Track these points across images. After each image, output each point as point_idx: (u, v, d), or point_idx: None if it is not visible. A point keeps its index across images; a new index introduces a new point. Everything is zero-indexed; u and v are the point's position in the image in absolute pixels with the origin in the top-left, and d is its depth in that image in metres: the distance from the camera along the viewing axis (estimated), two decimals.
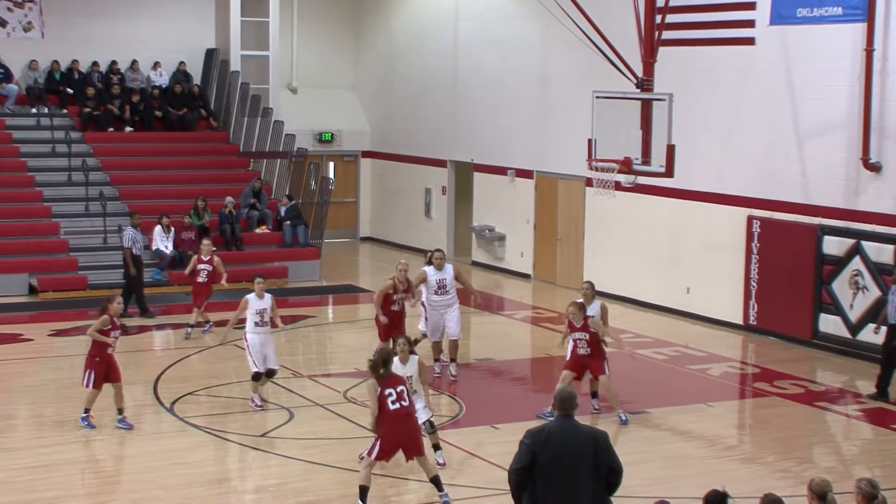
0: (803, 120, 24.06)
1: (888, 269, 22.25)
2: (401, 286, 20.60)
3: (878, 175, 22.73)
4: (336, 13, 38.20)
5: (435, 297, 21.07)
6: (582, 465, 11.11)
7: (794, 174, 24.34)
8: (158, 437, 18.22)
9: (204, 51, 36.11)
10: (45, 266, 29.04)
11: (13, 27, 34.12)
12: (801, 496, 11.50)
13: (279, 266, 30.91)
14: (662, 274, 27.30)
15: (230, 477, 17.02)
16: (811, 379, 22.05)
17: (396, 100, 37.03)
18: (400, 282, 20.58)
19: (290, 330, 25.56)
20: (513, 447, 11.39)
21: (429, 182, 35.54)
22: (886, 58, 22.36)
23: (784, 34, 24.11)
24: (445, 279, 21.08)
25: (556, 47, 29.26)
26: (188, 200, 30.53)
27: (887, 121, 22.47)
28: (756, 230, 25.02)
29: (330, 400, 19.82)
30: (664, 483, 15.87)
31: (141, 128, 34.15)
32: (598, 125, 22.39)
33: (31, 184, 31.50)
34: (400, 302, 20.71)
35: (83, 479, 16.28)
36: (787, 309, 24.47)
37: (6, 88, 33.34)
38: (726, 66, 25.44)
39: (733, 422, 19.96)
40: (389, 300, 20.60)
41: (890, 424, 19.18)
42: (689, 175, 24.92)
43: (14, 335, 24.63)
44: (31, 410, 19.57)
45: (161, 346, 24.11)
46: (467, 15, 33.64)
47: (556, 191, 30.61)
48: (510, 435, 15.70)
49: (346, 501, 15.25)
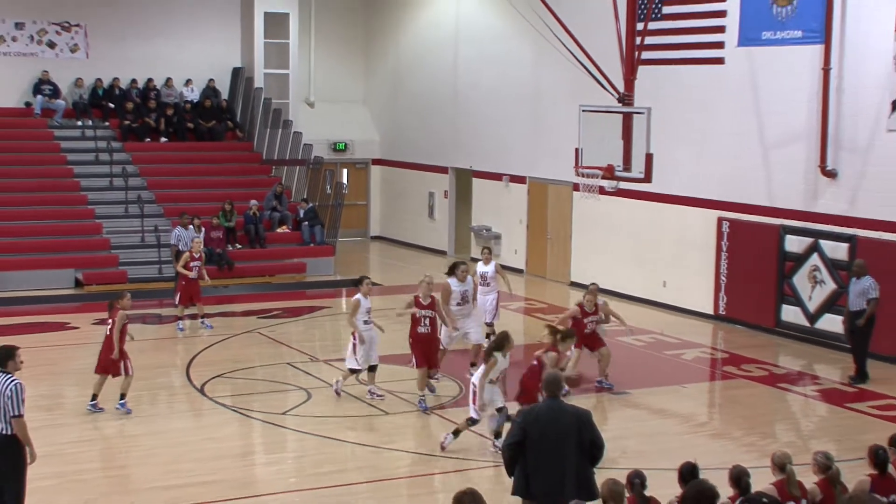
0: (767, 131, 24.08)
1: (843, 264, 22.30)
2: (424, 300, 18.39)
3: (833, 181, 22.74)
4: (349, 35, 38.18)
5: (456, 307, 19.77)
6: (568, 440, 11.18)
7: (759, 180, 24.35)
8: (191, 415, 18.30)
9: (231, 69, 36.10)
10: (89, 262, 29.04)
11: (61, 49, 34.16)
12: (764, 467, 11.54)
13: (298, 262, 30.90)
14: (641, 269, 27.32)
15: (254, 450, 17.05)
16: (774, 363, 22.07)
17: (403, 113, 37.03)
18: (425, 296, 18.43)
19: (307, 319, 25.64)
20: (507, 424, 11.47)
21: (432, 186, 35.53)
22: (842, 76, 22.36)
23: (750, 54, 24.13)
24: (468, 291, 20.08)
25: (546, 66, 29.25)
26: (217, 203, 30.55)
27: (842, 133, 22.48)
28: (725, 230, 25.04)
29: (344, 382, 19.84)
30: (641, 456, 15.89)
31: (174, 138, 34.16)
32: (584, 136, 22.43)
33: (76, 188, 31.54)
34: (426, 321, 18.39)
35: (123, 452, 16.32)
36: (752, 300, 24.50)
37: (55, 103, 33.38)
38: (699, 82, 25.46)
39: (704, 401, 19.99)
40: (417, 322, 18.31)
41: (843, 403, 19.21)
42: (665, 180, 24.93)
43: (62, 323, 24.66)
44: (77, 391, 19.55)
45: (191, 335, 24.13)
46: (466, 37, 33.64)
47: (547, 195, 30.62)
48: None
49: (358, 473, 15.30)
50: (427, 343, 18.40)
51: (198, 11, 35.68)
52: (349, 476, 15.20)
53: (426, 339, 18.38)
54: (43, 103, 33.29)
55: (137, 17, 34.73)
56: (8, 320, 24.55)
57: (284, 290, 29.16)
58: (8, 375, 12.03)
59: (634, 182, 22.56)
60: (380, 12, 37.68)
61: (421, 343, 18.30)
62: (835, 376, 20.98)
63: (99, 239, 30.09)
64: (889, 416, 18.31)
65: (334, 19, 37.54)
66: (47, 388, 19.01)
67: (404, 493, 14.77)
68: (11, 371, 12.09)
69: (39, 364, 19.85)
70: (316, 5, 36.53)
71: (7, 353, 12.21)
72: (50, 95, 33.40)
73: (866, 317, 20.08)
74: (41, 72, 33.49)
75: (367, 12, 38.22)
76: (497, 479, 14.46)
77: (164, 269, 28.71)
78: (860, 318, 20.14)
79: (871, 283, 20.11)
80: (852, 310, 20.32)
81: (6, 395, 11.85)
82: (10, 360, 12.15)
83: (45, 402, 18.08)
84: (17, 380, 12.05)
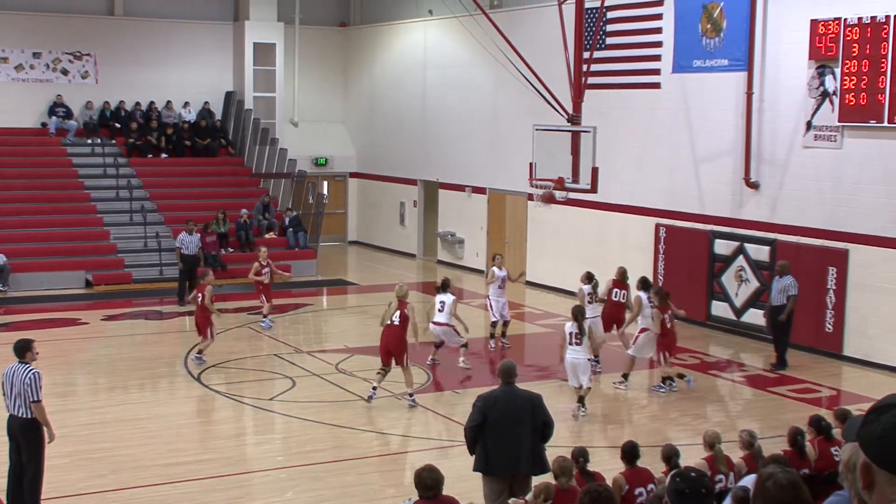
0: (698, 147, 24.18)
1: (765, 265, 22.42)
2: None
3: (756, 191, 22.86)
4: (329, 62, 38.11)
5: (499, 289, 21.59)
6: (522, 420, 11.22)
7: (691, 190, 24.45)
8: (188, 401, 18.24)
9: (224, 93, 35.99)
10: (98, 265, 28.88)
11: (73, 75, 33.99)
12: (696, 445, 11.60)
13: (283, 264, 30.73)
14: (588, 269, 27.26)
15: (245, 432, 17.02)
16: (705, 352, 22.17)
17: (377, 131, 36.99)
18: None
19: (292, 315, 25.58)
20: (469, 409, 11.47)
21: (403, 197, 35.51)
22: (763, 99, 22.48)
23: (683, 80, 24.24)
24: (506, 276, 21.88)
25: (503, 89, 29.29)
26: (211, 212, 30.45)
27: (763, 149, 22.60)
28: (662, 235, 25.13)
29: (325, 371, 19.83)
30: (588, 435, 15.95)
31: (174, 154, 34.01)
32: (537, 151, 22.45)
33: (87, 199, 31.36)
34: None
35: (130, 433, 16.26)
36: (686, 297, 24.52)
37: (68, 124, 33.21)
38: (638, 104, 25.54)
39: (644, 386, 20.04)
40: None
41: (766, 387, 19.32)
42: (609, 191, 24.95)
43: (74, 319, 24.54)
44: (88, 379, 19.52)
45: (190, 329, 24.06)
46: (433, 64, 33.65)
47: (505, 204, 30.64)
48: (468, 399, 15.74)
49: (337, 452, 15.28)
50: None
51: (195, 41, 35.56)
52: (329, 454, 15.18)
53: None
54: (57, 124, 33.10)
55: (141, 47, 34.59)
56: (26, 316, 24.45)
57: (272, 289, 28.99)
58: (26, 366, 12.14)
59: (582, 192, 22.61)
60: (357, 42, 37.66)
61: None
62: (758, 364, 21.09)
63: (106, 244, 29.94)
64: (805, 398, 18.43)
65: (316, 48, 37.48)
66: (61, 377, 18.91)
67: (377, 470, 14.78)
68: (29, 361, 12.19)
69: (53, 356, 19.75)
70: (300, 36, 36.46)
71: (24, 346, 12.33)
72: (63, 117, 33.24)
73: (787, 312, 20.18)
74: (55, 96, 33.34)
75: (345, 42, 38.18)
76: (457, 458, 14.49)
77: (164, 271, 28.61)
78: (781, 312, 20.26)
79: (791, 282, 20.22)
80: (774, 304, 20.45)
81: (26, 382, 11.98)
82: (28, 352, 12.27)
83: (59, 389, 17.99)
84: (35, 369, 12.17)
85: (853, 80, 20.33)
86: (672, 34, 24.27)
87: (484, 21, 25.21)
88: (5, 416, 12.40)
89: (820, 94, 21.18)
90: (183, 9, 35.38)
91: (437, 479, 9.22)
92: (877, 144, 20.35)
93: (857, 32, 20.22)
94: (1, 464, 12.87)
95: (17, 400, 12.02)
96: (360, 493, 13.67)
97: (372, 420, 16.92)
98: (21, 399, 11.99)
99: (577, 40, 22.08)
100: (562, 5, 22.56)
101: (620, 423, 17.24)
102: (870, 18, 20.04)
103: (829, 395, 18.98)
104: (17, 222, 29.74)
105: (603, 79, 25.16)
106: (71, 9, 33.88)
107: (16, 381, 12.02)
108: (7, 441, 12.46)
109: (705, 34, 23.49)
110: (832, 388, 19.36)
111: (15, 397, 12.03)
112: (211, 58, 35.84)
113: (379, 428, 16.55)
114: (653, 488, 10.22)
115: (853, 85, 20.33)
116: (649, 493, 10.19)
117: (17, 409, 12.07)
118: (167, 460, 14.76)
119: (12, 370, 12.13)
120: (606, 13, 25.24)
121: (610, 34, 25.86)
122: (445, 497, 9.32)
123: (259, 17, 35.25)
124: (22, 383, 11.95)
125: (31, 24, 33.24)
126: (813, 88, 21.31)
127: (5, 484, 12.45)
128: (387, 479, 14.58)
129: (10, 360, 12.32)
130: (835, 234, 21.23)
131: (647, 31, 25.08)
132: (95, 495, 13.41)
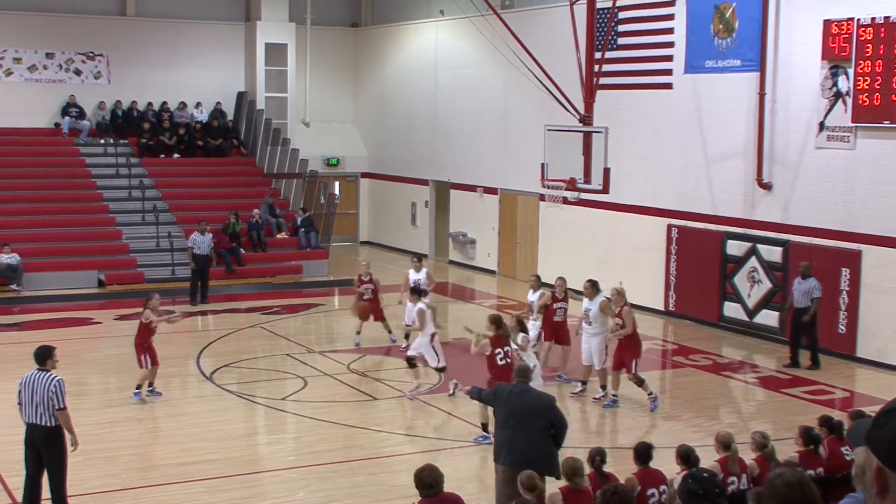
0: (710, 148, 24.11)
1: (777, 266, 22.35)
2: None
3: (769, 192, 22.79)
4: (340, 63, 38.10)
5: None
6: (534, 419, 11.23)
7: (703, 191, 24.39)
8: (201, 401, 18.22)
9: (236, 93, 36.01)
10: (111, 264, 28.90)
11: (86, 76, 34.04)
12: (709, 446, 11.54)
13: (295, 264, 30.82)
14: (600, 270, 27.11)
15: (257, 431, 17.01)
16: (718, 353, 22.10)
17: (388, 131, 36.98)
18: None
19: (304, 315, 25.57)
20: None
21: (414, 197, 35.49)
22: (775, 100, 22.42)
23: (695, 80, 24.17)
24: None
25: (515, 90, 29.25)
26: (223, 212, 30.46)
27: (776, 149, 22.53)
28: (674, 235, 25.06)
29: (336, 371, 19.81)
30: (602, 435, 15.90)
31: (186, 154, 34.04)
32: (549, 152, 22.41)
33: (99, 199, 31.40)
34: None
35: (141, 432, 16.27)
36: (698, 297, 24.53)
37: (81, 124, 33.26)
38: (650, 105, 25.49)
39: (656, 387, 19.90)
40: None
41: (779, 388, 19.25)
42: (621, 192, 24.90)
43: (87, 319, 24.57)
44: (100, 379, 19.52)
45: (202, 329, 24.05)
46: (445, 64, 33.63)
47: (516, 204, 30.60)
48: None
49: (349, 451, 15.26)
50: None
51: (207, 42, 35.59)
52: (340, 454, 15.16)
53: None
54: (70, 124, 33.16)
55: (153, 48, 34.64)
56: (39, 315, 24.52)
57: (283, 289, 29.07)
58: (48, 373, 11.90)
59: (593, 193, 22.57)
60: (368, 43, 37.65)
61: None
62: (771, 365, 21.01)
63: (119, 244, 29.95)
64: (818, 399, 18.35)
65: (327, 49, 37.48)
66: (73, 376, 18.79)
67: (388, 471, 14.74)
68: (49, 369, 11.98)
69: (66, 355, 19.51)
70: (311, 37, 36.46)
71: (45, 353, 12.12)
72: (76, 117, 33.28)
73: (811, 314, 20.15)
74: (69, 96, 33.40)
75: (356, 43, 38.17)
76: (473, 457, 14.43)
77: (176, 271, 28.61)
78: (805, 314, 20.19)
79: (815, 284, 20.23)
80: (798, 307, 20.39)
81: (50, 390, 11.75)
82: (49, 360, 12.06)
83: (72, 388, 17.67)
84: (58, 377, 11.93)
85: (866, 80, 20.24)
86: (684, 34, 24.21)
87: (495, 21, 25.18)
88: (15, 422, 12.24)
89: (833, 95, 21.10)
90: (195, 9, 35.42)
91: (436, 478, 9.18)
92: (890, 145, 20.25)
93: (870, 32, 20.14)
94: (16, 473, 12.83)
95: (40, 408, 11.78)
96: (369, 494, 13.62)
97: (384, 421, 16.88)
98: (44, 406, 11.76)
99: (589, 41, 22.02)
100: (573, 5, 22.51)
101: (632, 423, 17.15)
102: (883, 18, 19.96)
103: (843, 396, 18.87)
104: (31, 222, 29.80)
105: (614, 79, 25.10)
106: (84, 10, 33.94)
107: (37, 388, 11.77)
108: (23, 450, 12.20)
109: (717, 34, 23.42)
110: (845, 390, 19.26)
111: (37, 405, 11.79)
112: (223, 58, 35.86)
113: (392, 428, 16.51)
114: (665, 489, 10.17)
115: (866, 85, 20.25)
116: (661, 494, 10.14)
117: (40, 417, 11.81)
118: (178, 460, 14.75)
119: (31, 378, 11.90)
120: (618, 13, 25.18)
121: (622, 34, 25.80)
122: (448, 494, 9.30)
123: (271, 18, 35.26)
124: (46, 391, 11.71)
125: (45, 24, 33.33)
126: (826, 89, 21.23)
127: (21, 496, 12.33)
128: (397, 479, 14.54)
129: (25, 358, 12.25)
130: (848, 236, 21.15)
131: (658, 31, 25.01)
132: (107, 494, 13.40)
